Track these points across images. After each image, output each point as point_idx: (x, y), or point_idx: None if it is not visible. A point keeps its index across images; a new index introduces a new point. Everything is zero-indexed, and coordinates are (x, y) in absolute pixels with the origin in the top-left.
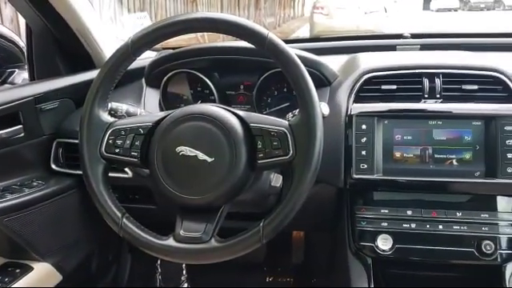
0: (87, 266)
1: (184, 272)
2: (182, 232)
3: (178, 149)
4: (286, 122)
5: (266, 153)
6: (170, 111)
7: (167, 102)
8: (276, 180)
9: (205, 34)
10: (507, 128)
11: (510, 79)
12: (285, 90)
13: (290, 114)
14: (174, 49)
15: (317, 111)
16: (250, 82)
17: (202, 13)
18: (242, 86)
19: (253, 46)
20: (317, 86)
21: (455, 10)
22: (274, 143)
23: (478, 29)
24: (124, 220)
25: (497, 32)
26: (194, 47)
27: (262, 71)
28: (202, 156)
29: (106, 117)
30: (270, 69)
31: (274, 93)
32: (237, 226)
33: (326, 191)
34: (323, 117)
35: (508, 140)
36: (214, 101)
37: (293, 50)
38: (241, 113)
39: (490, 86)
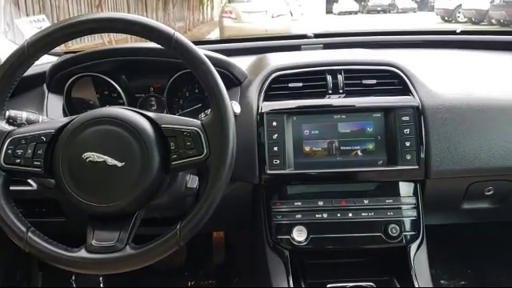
0: None
1: (101, 285)
2: (94, 242)
3: (85, 155)
4: (199, 122)
5: (180, 154)
6: (74, 116)
7: (72, 107)
8: (192, 181)
9: (112, 37)
10: (404, 118)
11: (404, 73)
12: (196, 90)
13: (203, 114)
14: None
15: (228, 109)
16: (159, 84)
17: (104, 13)
18: (151, 89)
19: (160, 47)
20: (227, 86)
21: (355, 13)
22: (188, 143)
23: (375, 28)
24: (29, 234)
25: (392, 30)
26: (98, 49)
27: (171, 72)
28: (111, 161)
29: (3, 125)
30: (180, 70)
31: (185, 94)
32: (155, 232)
33: (242, 189)
34: (235, 115)
35: (405, 129)
36: (122, 104)
37: (201, 51)
38: (151, 114)
39: (387, 80)
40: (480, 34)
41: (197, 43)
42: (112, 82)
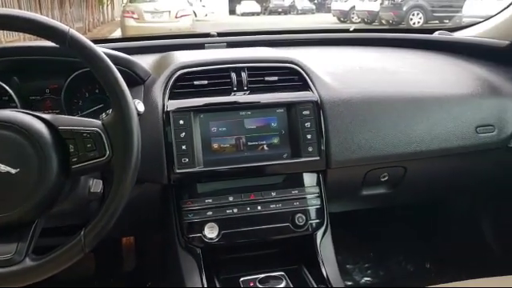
0: None
1: None
2: None
3: None
4: (99, 122)
5: (80, 156)
6: None
7: None
8: (96, 185)
9: (2, 38)
10: (305, 112)
11: (303, 70)
12: (97, 90)
13: (104, 114)
14: None
15: (131, 107)
16: (56, 84)
17: None
18: (47, 90)
19: (55, 45)
20: (130, 85)
21: (257, 14)
22: (88, 145)
23: (276, 28)
24: None
25: (292, 29)
26: None
27: (69, 72)
28: (3, 168)
29: None
30: (78, 69)
31: (84, 95)
32: (60, 242)
33: (150, 190)
34: (139, 114)
35: (306, 123)
36: (15, 108)
37: (100, 48)
38: (47, 116)
39: (288, 77)
40: (371, 31)
41: (97, 42)
42: (2, 84)
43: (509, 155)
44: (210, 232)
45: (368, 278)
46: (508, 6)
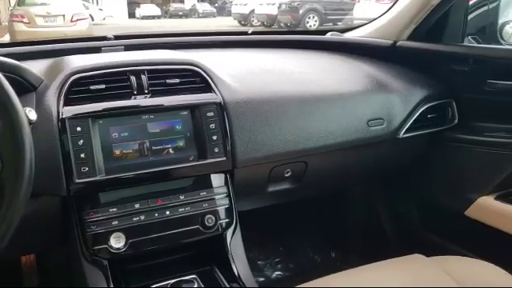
0: None
1: None
2: None
3: None
4: None
5: None
6: None
7: None
8: None
9: None
10: (209, 114)
11: (205, 71)
12: None
13: None
14: None
15: (20, 116)
16: None
17: None
18: None
19: None
20: (19, 92)
21: (158, 18)
22: None
23: (176, 30)
24: None
25: (193, 32)
26: None
27: None
28: None
29: None
30: None
31: None
32: None
33: (49, 204)
34: (30, 123)
35: (211, 124)
36: None
37: None
38: None
39: (190, 79)
40: (269, 34)
41: None
42: None
43: (398, 145)
44: (117, 242)
45: (279, 272)
46: (389, 9)
